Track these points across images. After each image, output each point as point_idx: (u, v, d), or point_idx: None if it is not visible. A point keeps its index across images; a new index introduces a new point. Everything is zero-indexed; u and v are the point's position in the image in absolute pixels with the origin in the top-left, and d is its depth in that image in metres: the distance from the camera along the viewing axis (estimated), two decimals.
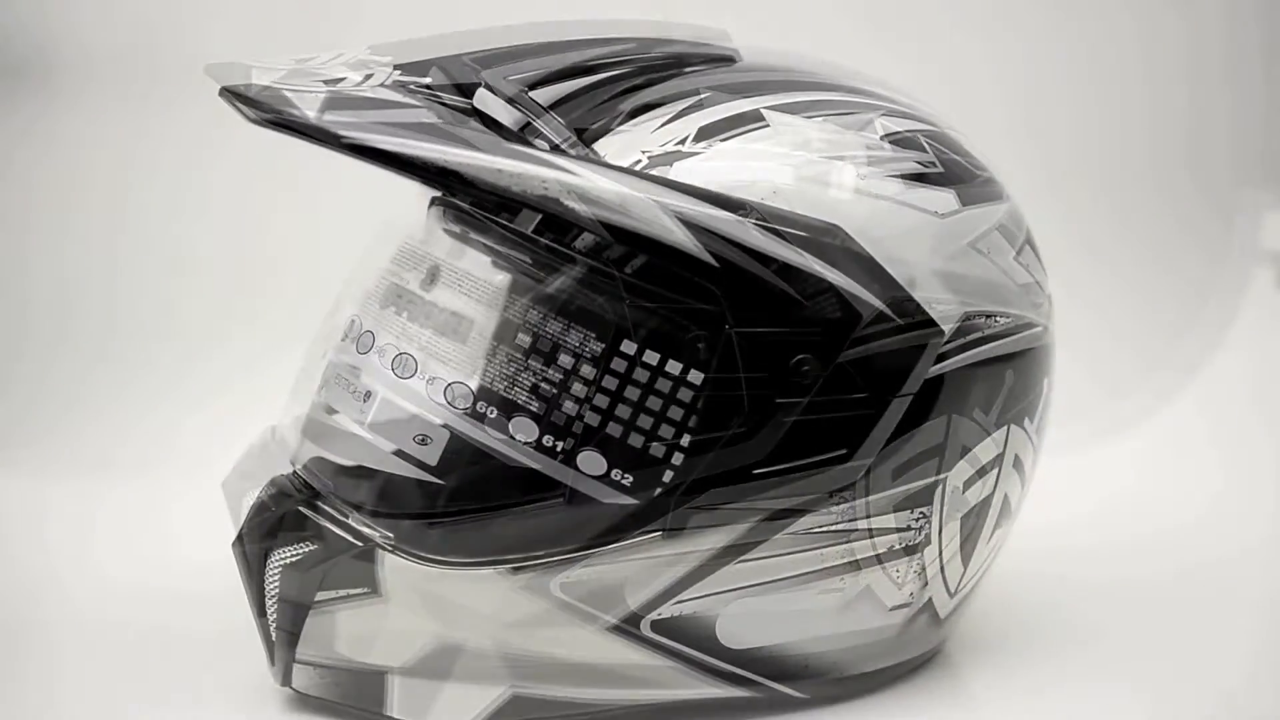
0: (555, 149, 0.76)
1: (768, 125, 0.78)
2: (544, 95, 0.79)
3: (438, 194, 0.83)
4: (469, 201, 0.78)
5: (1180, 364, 1.48)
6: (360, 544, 0.78)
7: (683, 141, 0.76)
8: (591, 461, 0.75)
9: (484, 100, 0.78)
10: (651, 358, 0.75)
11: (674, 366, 0.74)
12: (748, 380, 0.74)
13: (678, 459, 0.75)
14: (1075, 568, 1.11)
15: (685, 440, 0.74)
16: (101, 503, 1.23)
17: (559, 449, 0.75)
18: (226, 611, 0.91)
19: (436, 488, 0.78)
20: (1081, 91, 1.53)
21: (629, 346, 0.75)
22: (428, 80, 0.78)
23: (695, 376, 0.74)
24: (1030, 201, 0.90)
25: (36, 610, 1.00)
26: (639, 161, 0.76)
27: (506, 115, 0.77)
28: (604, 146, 0.77)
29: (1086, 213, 1.51)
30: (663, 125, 0.77)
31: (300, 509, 0.80)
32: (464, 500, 0.78)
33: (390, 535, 0.78)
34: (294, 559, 0.80)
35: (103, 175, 1.45)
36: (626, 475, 0.75)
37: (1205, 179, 1.53)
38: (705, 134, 0.77)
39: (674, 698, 0.80)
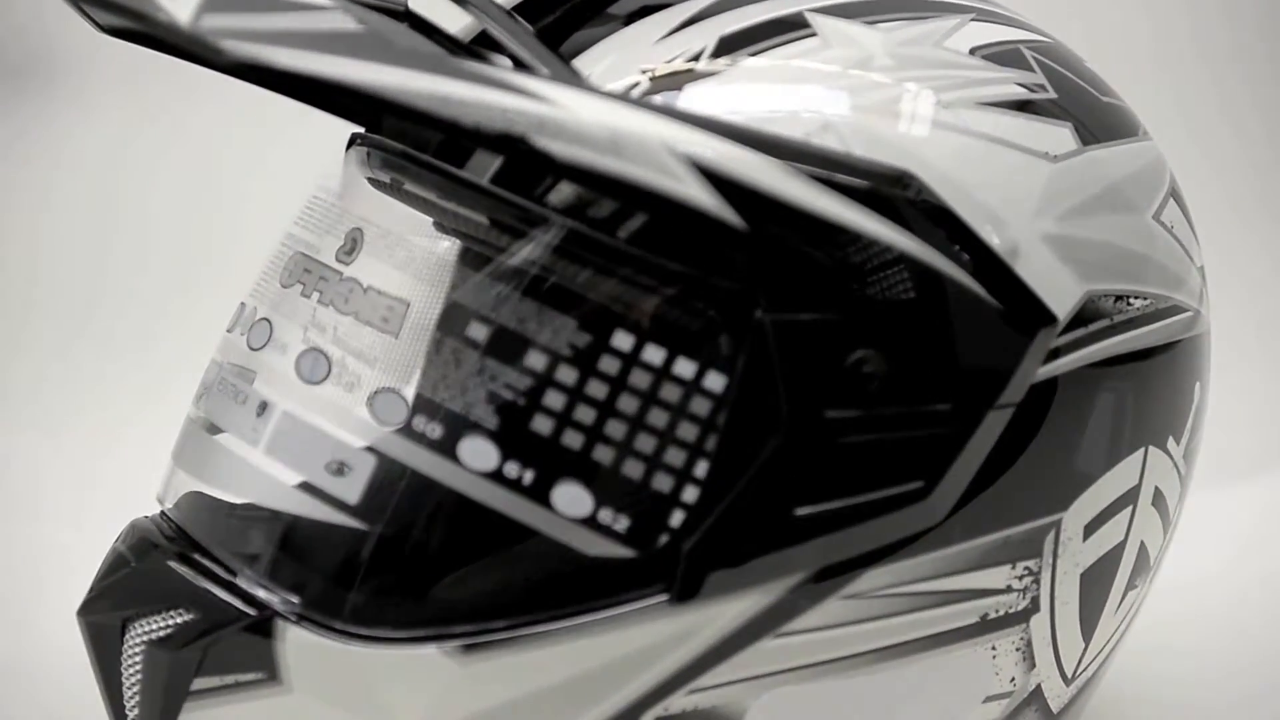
0: (521, 67, 0.69)
1: (815, 34, 0.70)
2: None
3: (359, 130, 0.75)
4: (403, 140, 0.71)
5: None
6: (253, 612, 0.70)
7: (697, 57, 0.69)
8: (571, 498, 0.66)
9: None
10: (654, 355, 0.66)
11: (685, 367, 0.66)
12: (787, 385, 0.65)
13: (690, 494, 0.66)
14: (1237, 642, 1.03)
15: (700, 469, 0.65)
16: None
17: (527, 481, 0.66)
18: (77, 694, 0.82)
19: (358, 534, 0.69)
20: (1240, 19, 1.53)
21: (623, 340, 0.66)
22: None
23: (715, 381, 0.65)
24: (1171, 145, 0.81)
25: None
26: (637, 84, 0.68)
27: (454, 21, 0.72)
28: (588, 63, 0.70)
29: (1237, 166, 1.47)
30: (670, 34, 0.70)
31: (170, 564, 0.72)
32: (395, 551, 0.70)
33: (295, 600, 0.70)
34: (162, 633, 0.71)
35: (101, 176, 1.49)
36: (620, 517, 0.66)
37: None
38: (729, 46, 0.69)
39: None
